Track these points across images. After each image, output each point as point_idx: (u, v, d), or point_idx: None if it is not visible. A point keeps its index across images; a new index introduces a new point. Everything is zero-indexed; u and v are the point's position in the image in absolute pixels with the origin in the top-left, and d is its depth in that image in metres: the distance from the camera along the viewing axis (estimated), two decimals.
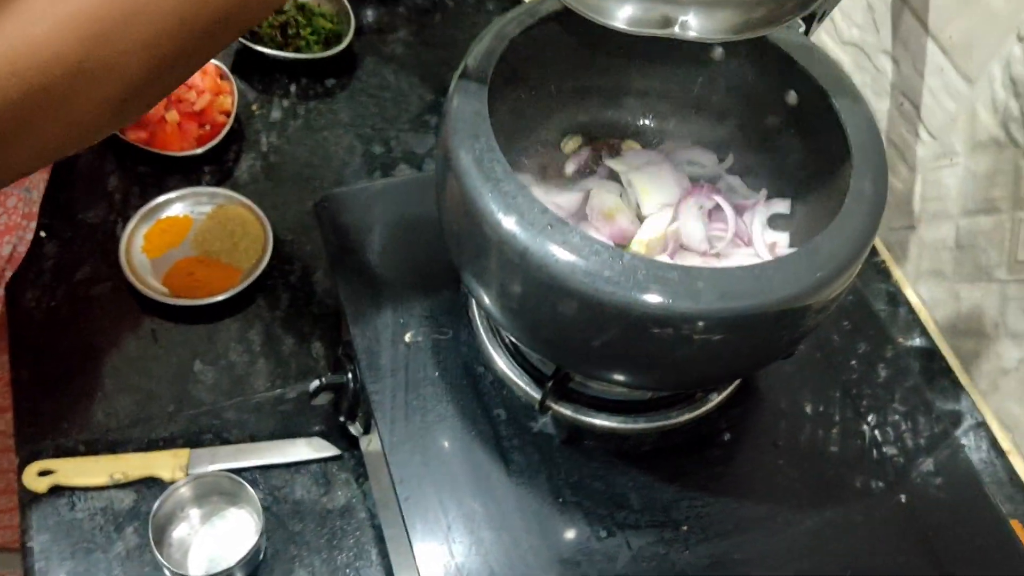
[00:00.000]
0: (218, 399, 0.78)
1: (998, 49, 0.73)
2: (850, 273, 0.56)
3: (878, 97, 0.88)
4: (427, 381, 0.69)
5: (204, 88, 0.91)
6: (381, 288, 0.74)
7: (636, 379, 0.61)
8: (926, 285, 0.87)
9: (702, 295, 0.52)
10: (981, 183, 0.77)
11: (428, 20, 1.09)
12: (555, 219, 0.53)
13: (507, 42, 0.62)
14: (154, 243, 0.86)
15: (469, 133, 0.57)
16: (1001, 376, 0.80)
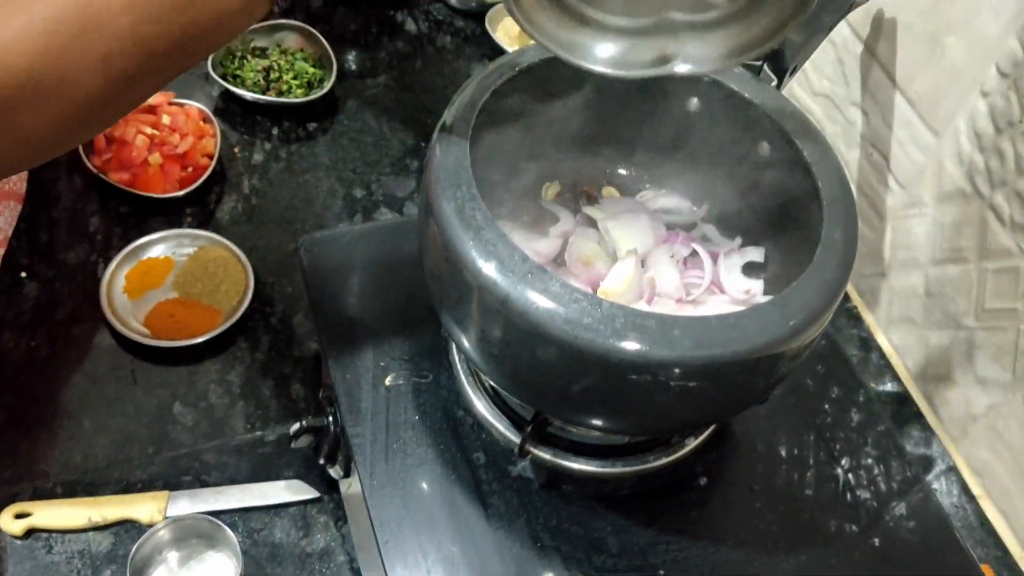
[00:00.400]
0: (197, 441, 0.78)
1: (963, 104, 0.76)
2: (822, 321, 0.58)
3: (848, 147, 0.90)
4: (407, 424, 0.70)
5: (187, 131, 0.92)
6: (362, 331, 0.74)
7: (614, 424, 0.62)
8: (897, 331, 0.89)
9: (678, 343, 0.53)
10: (948, 233, 0.80)
11: (409, 65, 1.11)
12: (535, 267, 0.55)
13: (488, 93, 0.64)
14: (135, 284, 0.86)
15: (451, 181, 0.58)
16: (970, 422, 0.81)
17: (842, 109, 0.91)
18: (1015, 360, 0.75)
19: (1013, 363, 0.75)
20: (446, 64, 1.12)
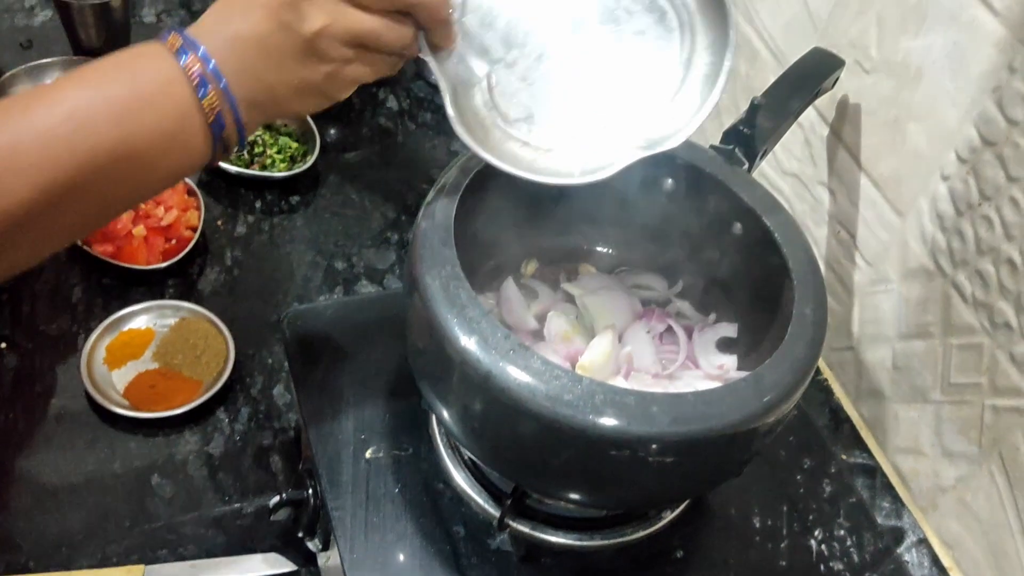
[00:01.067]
0: (175, 513, 0.78)
1: (925, 186, 0.79)
2: (794, 398, 0.60)
3: (817, 225, 0.94)
4: (387, 498, 0.70)
5: (172, 204, 0.94)
6: (343, 404, 0.75)
7: (593, 499, 0.63)
8: (866, 404, 0.91)
9: (656, 419, 0.54)
10: (914, 309, 0.82)
11: (390, 140, 1.13)
12: (517, 344, 0.56)
13: (471, 174, 0.66)
14: (116, 355, 0.86)
15: (435, 260, 0.60)
16: (940, 494, 0.83)
17: (810, 188, 0.94)
18: (981, 434, 0.77)
19: (979, 436, 0.77)
20: (427, 140, 1.14)
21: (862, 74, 0.84)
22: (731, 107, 1.06)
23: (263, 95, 0.57)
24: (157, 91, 0.54)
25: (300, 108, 0.61)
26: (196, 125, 0.55)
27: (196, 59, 0.54)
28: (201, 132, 0.56)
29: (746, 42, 1.02)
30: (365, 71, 0.60)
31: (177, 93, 0.54)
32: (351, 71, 0.59)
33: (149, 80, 0.54)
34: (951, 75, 0.75)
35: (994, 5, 0.70)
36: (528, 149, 0.65)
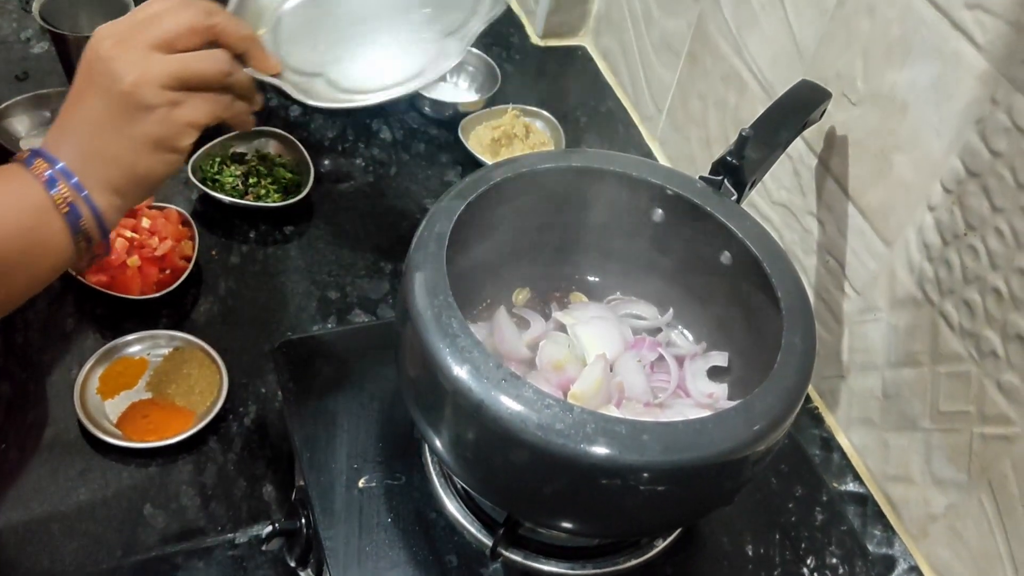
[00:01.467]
0: (167, 543, 0.78)
1: (911, 216, 0.80)
2: (784, 426, 0.60)
3: (805, 254, 0.95)
4: (380, 527, 0.70)
5: (166, 234, 0.94)
6: (336, 433, 0.76)
7: (585, 527, 0.63)
8: (857, 432, 0.91)
9: (648, 448, 0.55)
10: (902, 338, 0.83)
11: (384, 171, 1.14)
12: (508, 373, 0.57)
13: (464, 204, 0.67)
14: (109, 385, 0.87)
15: (428, 290, 0.61)
16: (930, 522, 0.83)
17: (799, 218, 0.95)
18: (970, 461, 0.78)
19: (968, 464, 0.78)
20: (420, 170, 1.15)
21: (849, 106, 0.85)
22: (720, 138, 1.08)
23: (112, 170, 0.61)
24: (12, 200, 0.58)
25: (149, 170, 0.62)
26: (55, 223, 0.59)
27: (42, 162, 0.60)
28: (60, 229, 0.60)
29: (735, 74, 1.03)
30: (196, 112, 0.62)
31: (32, 198, 0.59)
32: (181, 115, 0.61)
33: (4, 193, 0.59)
34: (936, 107, 0.76)
35: (976, 39, 0.71)
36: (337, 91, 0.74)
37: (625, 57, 1.29)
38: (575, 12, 1.37)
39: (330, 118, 1.19)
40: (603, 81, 1.34)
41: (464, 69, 1.28)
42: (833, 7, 0.86)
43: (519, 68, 1.34)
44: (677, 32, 1.14)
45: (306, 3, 0.79)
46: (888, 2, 0.79)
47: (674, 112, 1.18)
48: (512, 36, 1.39)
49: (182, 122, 0.61)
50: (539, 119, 1.21)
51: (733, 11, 1.02)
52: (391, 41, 0.78)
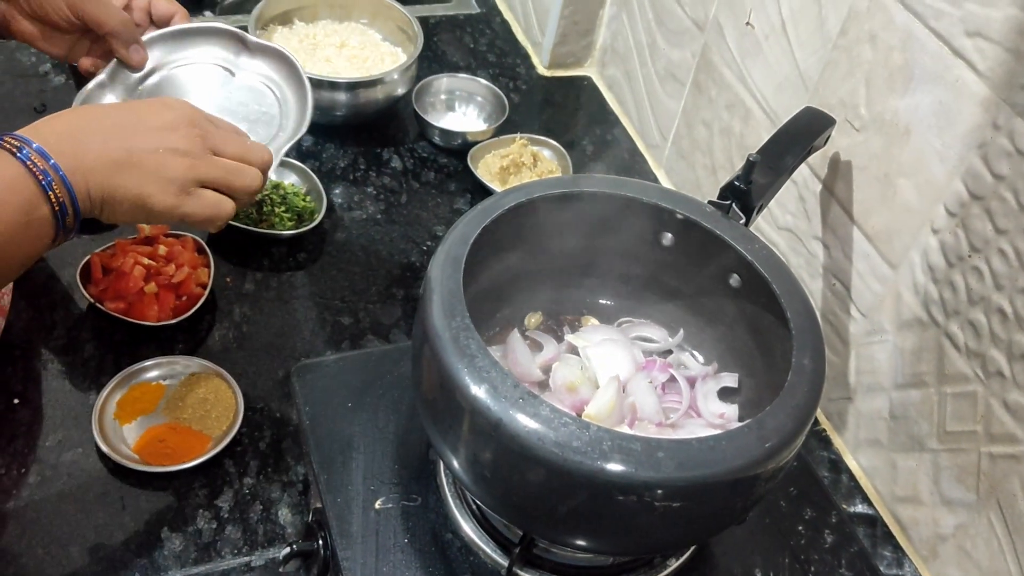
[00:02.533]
0: (185, 567, 0.79)
1: (916, 239, 0.82)
2: (795, 444, 0.61)
3: (812, 278, 0.96)
4: (397, 548, 0.71)
5: (183, 262, 0.96)
6: (352, 456, 0.77)
7: (600, 545, 0.64)
8: (865, 454, 0.92)
9: (662, 465, 0.56)
10: (909, 359, 0.84)
11: (395, 199, 1.16)
12: (526, 392, 0.58)
13: (479, 229, 0.69)
14: (126, 410, 0.88)
15: (446, 312, 0.62)
16: (940, 542, 0.84)
17: (804, 242, 0.97)
18: (978, 481, 0.78)
19: (976, 484, 0.79)
20: (430, 198, 1.17)
21: (852, 132, 0.87)
22: (725, 165, 1.10)
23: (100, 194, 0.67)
24: (6, 189, 0.63)
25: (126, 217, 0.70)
26: (44, 214, 0.64)
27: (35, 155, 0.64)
28: (49, 220, 0.65)
29: (739, 102, 1.05)
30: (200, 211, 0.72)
31: (24, 188, 0.63)
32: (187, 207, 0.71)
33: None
34: (938, 132, 0.78)
35: (977, 66, 0.73)
36: None
37: (630, 87, 1.31)
38: (581, 43, 1.39)
39: (342, 147, 1.21)
40: (609, 110, 1.36)
41: (473, 99, 1.30)
42: (836, 36, 0.88)
43: (526, 98, 1.36)
44: (682, 62, 1.16)
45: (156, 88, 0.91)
46: (890, 30, 0.81)
47: (679, 140, 1.20)
48: (519, 67, 1.42)
49: (179, 212, 0.70)
50: (547, 148, 1.23)
51: (737, 41, 1.04)
52: None
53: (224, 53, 0.93)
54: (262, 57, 0.93)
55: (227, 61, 0.92)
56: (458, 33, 1.46)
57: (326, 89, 1.15)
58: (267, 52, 0.93)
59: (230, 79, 0.92)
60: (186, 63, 0.92)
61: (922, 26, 0.78)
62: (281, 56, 0.92)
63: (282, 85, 0.93)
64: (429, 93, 1.28)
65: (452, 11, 1.50)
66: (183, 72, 0.91)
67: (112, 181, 0.67)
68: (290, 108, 0.92)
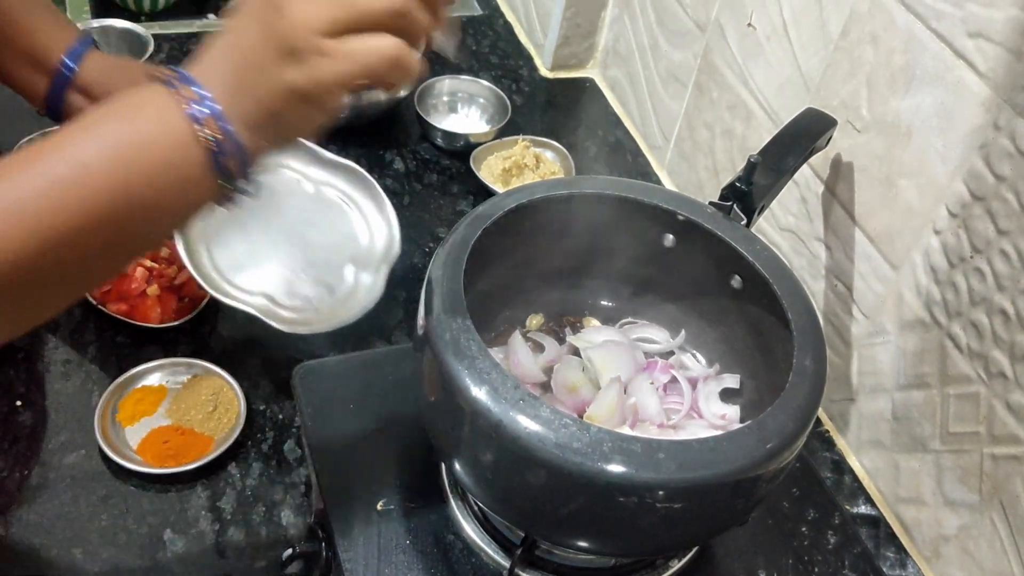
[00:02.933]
0: (187, 569, 0.79)
1: (917, 240, 0.81)
2: (796, 445, 0.61)
3: (814, 279, 0.96)
4: (399, 549, 0.71)
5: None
6: (354, 457, 0.77)
7: (601, 546, 0.64)
8: (867, 455, 0.92)
9: (663, 466, 0.56)
10: (911, 360, 0.84)
11: (397, 201, 1.16)
12: (526, 394, 0.58)
13: (480, 230, 0.69)
14: (129, 412, 0.88)
15: (447, 313, 0.62)
16: (943, 543, 0.84)
17: (806, 243, 0.96)
18: (981, 482, 0.78)
19: (979, 485, 0.79)
20: (432, 200, 1.17)
21: (854, 133, 0.87)
22: (727, 166, 1.10)
23: (256, 112, 0.54)
24: (153, 128, 0.52)
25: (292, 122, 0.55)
26: (196, 157, 0.53)
27: (189, 91, 0.53)
28: (202, 164, 0.53)
29: (741, 103, 1.05)
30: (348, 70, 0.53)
31: (174, 128, 0.52)
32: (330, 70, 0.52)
33: (144, 119, 0.53)
34: (940, 133, 0.78)
35: (978, 66, 0.73)
36: None
37: (633, 88, 1.31)
38: (583, 45, 1.39)
39: (344, 149, 1.21)
40: (611, 112, 1.36)
41: (475, 101, 1.30)
42: (837, 37, 0.88)
43: (528, 100, 1.36)
44: (684, 64, 1.17)
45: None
46: (891, 32, 0.81)
47: (681, 142, 1.20)
48: (521, 69, 1.42)
49: (329, 80, 0.53)
50: (549, 149, 1.23)
51: (739, 42, 1.04)
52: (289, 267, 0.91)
53: (297, 163, 0.96)
54: (334, 171, 0.96)
55: (300, 171, 0.96)
56: (460, 35, 1.46)
57: None
58: (339, 166, 0.96)
59: (306, 188, 0.95)
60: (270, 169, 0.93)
61: (923, 27, 0.77)
62: (354, 172, 0.96)
63: (356, 199, 0.96)
64: (431, 95, 1.28)
65: (454, 13, 1.50)
66: (269, 178, 0.93)
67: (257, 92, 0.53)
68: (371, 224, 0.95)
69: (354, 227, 0.93)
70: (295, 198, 0.93)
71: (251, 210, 0.77)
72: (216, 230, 0.87)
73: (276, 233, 0.90)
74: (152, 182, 0.53)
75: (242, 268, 0.87)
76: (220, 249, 0.87)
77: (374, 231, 0.93)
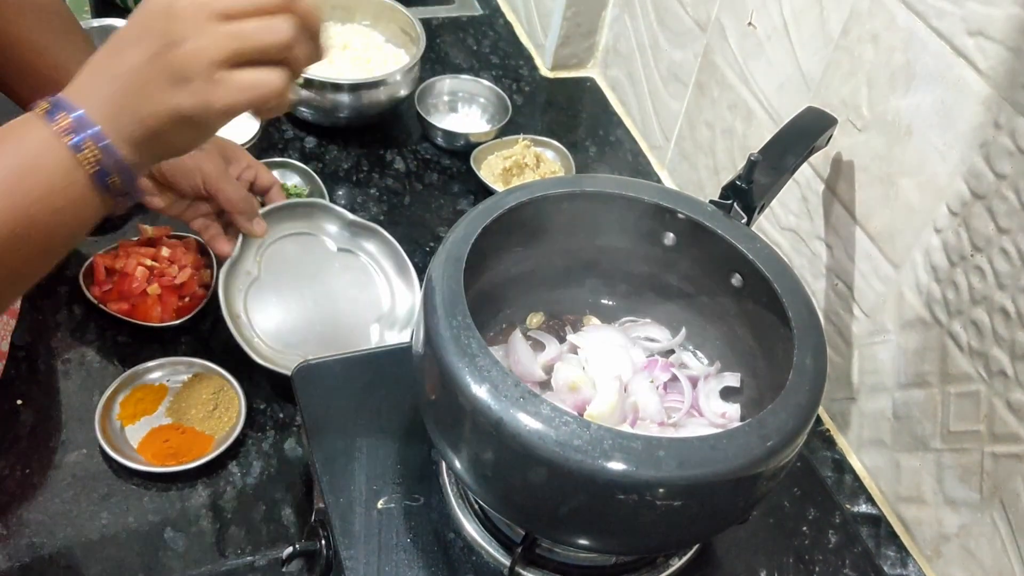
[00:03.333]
0: (188, 566, 0.79)
1: (918, 239, 0.81)
2: (797, 443, 0.61)
3: (814, 278, 0.96)
4: (399, 547, 0.71)
5: (185, 263, 0.96)
6: (354, 455, 0.77)
7: (602, 544, 0.64)
8: (868, 454, 0.92)
9: (663, 463, 0.56)
10: (912, 359, 0.84)
11: (398, 201, 1.16)
12: (527, 391, 0.58)
13: (480, 229, 0.69)
14: (130, 411, 0.88)
15: (447, 311, 0.62)
16: (943, 542, 0.84)
17: (807, 242, 0.96)
18: (981, 481, 0.78)
19: (980, 484, 0.79)
20: (433, 199, 1.17)
21: (855, 132, 0.87)
22: (728, 165, 1.10)
23: (141, 132, 0.57)
24: (35, 160, 0.56)
25: (174, 143, 0.59)
26: (80, 179, 0.56)
27: (66, 116, 0.56)
28: (87, 184, 0.57)
29: (741, 102, 1.05)
30: (235, 98, 0.56)
31: (55, 156, 0.56)
32: (218, 98, 0.56)
33: (27, 149, 0.56)
34: (940, 132, 0.78)
35: (979, 65, 0.73)
36: None
37: (633, 88, 1.32)
38: (583, 45, 1.39)
39: (345, 149, 1.21)
40: (611, 111, 1.36)
41: (476, 100, 1.30)
42: (837, 36, 0.88)
43: (529, 100, 1.36)
44: (684, 63, 1.17)
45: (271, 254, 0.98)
46: (891, 30, 0.81)
47: (682, 141, 1.20)
48: (522, 68, 1.42)
49: (218, 108, 0.56)
50: (550, 149, 1.24)
51: (739, 42, 1.04)
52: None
53: (326, 225, 1.01)
54: (362, 233, 1.01)
55: (328, 234, 1.01)
56: (461, 35, 1.46)
57: (329, 91, 1.16)
58: (366, 229, 1.01)
59: (333, 251, 1.01)
60: (294, 232, 1.00)
61: (924, 25, 0.77)
62: (380, 235, 1.01)
63: (381, 261, 1.02)
64: (432, 95, 1.29)
65: (455, 13, 1.50)
66: (293, 241, 1.00)
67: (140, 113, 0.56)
68: (394, 288, 1.00)
69: (379, 291, 1.00)
70: (325, 263, 1.00)
71: (286, 276, 0.97)
72: (254, 296, 0.95)
73: (308, 298, 0.97)
74: (43, 206, 0.56)
75: (279, 332, 0.94)
76: (258, 315, 0.94)
77: (396, 296, 1.00)
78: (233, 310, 0.93)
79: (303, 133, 1.23)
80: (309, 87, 1.15)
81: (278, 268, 0.98)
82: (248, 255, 0.97)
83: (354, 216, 1.02)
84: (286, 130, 1.22)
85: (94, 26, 1.17)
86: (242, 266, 0.96)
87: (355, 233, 1.02)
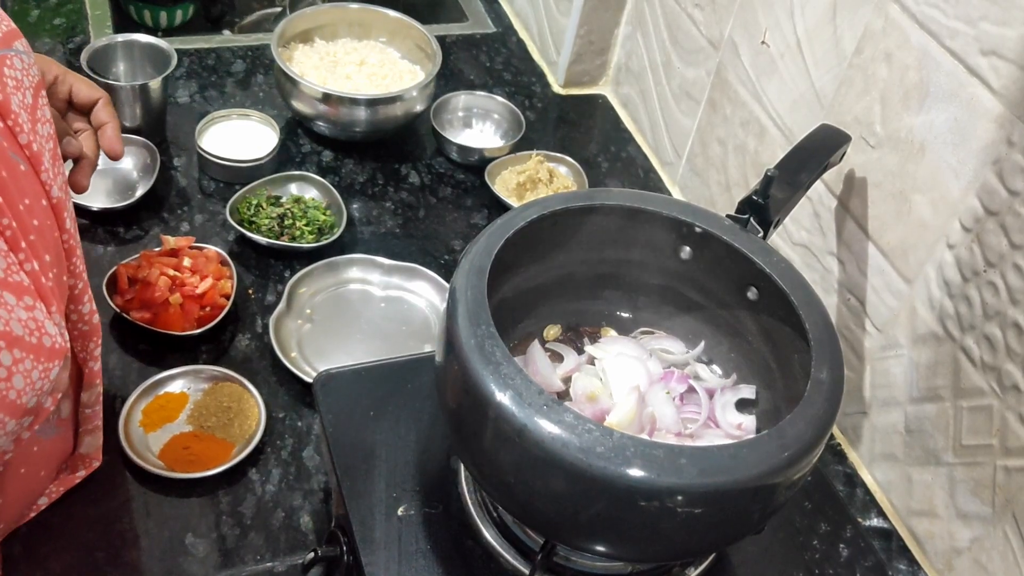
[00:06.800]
0: (209, 572, 0.80)
1: (931, 255, 0.83)
2: (814, 453, 0.62)
3: (827, 293, 0.97)
4: (419, 554, 0.72)
5: (207, 273, 0.98)
6: (375, 463, 0.78)
7: (621, 551, 0.65)
8: (880, 468, 0.93)
9: (684, 471, 0.57)
10: (924, 373, 0.85)
11: (413, 214, 1.18)
12: (550, 399, 0.59)
13: (502, 240, 0.70)
14: (151, 418, 0.89)
15: (471, 321, 0.63)
16: (955, 556, 0.84)
17: (819, 258, 0.98)
18: (994, 494, 0.79)
19: (992, 497, 0.79)
20: (447, 213, 1.19)
21: (868, 149, 0.88)
22: (740, 182, 1.11)
23: None
24: None
25: None
26: None
27: None
28: None
29: (754, 120, 1.07)
30: None
31: None
32: None
33: None
34: (953, 149, 0.79)
35: (992, 83, 0.74)
36: None
37: (645, 105, 1.33)
38: (595, 62, 1.41)
39: (361, 163, 1.23)
40: (623, 128, 1.38)
41: (490, 116, 1.32)
42: (851, 54, 0.89)
43: (542, 116, 1.38)
44: (696, 80, 1.18)
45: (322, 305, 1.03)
46: (905, 49, 0.83)
47: (694, 157, 1.21)
48: (534, 85, 1.44)
49: None
50: (563, 164, 1.25)
51: (752, 59, 1.06)
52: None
53: (364, 275, 1.07)
54: (395, 273, 1.06)
55: (368, 283, 1.06)
56: (474, 52, 1.48)
57: (346, 105, 1.17)
58: (398, 268, 1.06)
59: (375, 294, 1.06)
60: (341, 285, 1.06)
61: (937, 45, 0.79)
62: (412, 269, 1.06)
63: (419, 292, 1.06)
64: (447, 110, 1.30)
65: (469, 30, 1.52)
66: (342, 292, 1.05)
67: None
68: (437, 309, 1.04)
69: (422, 314, 1.05)
70: (368, 303, 1.05)
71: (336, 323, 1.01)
72: (307, 341, 1.00)
73: (357, 332, 1.02)
74: None
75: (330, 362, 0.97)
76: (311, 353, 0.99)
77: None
78: (286, 351, 0.97)
79: (320, 147, 1.24)
80: (327, 102, 1.17)
81: (326, 317, 1.02)
82: (296, 309, 1.01)
83: (388, 260, 1.06)
84: (303, 144, 1.24)
85: (118, 40, 1.19)
86: (290, 319, 1.00)
87: (392, 274, 1.06)
